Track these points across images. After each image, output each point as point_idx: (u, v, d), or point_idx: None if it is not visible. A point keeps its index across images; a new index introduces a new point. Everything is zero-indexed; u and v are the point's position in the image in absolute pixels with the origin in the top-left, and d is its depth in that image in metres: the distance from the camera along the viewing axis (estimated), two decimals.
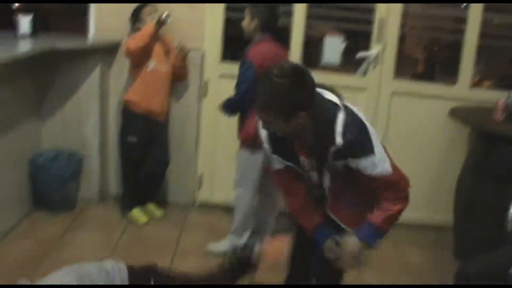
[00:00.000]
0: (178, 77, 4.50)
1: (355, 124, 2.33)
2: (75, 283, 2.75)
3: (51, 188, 4.45)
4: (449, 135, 4.64)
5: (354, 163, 2.35)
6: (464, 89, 4.58)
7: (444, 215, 4.48)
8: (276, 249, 2.82)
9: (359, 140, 2.32)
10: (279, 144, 2.50)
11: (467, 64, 4.54)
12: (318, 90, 2.38)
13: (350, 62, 4.72)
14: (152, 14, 4.20)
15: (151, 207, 4.66)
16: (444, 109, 4.44)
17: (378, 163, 2.34)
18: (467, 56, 4.53)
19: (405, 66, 4.99)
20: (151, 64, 4.24)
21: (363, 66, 4.64)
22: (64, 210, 4.52)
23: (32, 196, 4.51)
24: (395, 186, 2.43)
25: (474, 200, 4.04)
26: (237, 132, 3.97)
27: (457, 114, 4.30)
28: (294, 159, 2.53)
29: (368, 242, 2.48)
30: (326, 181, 2.53)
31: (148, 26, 4.14)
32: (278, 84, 2.24)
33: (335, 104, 2.37)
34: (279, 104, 2.25)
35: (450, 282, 2.91)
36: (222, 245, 4.07)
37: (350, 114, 2.36)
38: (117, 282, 2.90)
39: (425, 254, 4.09)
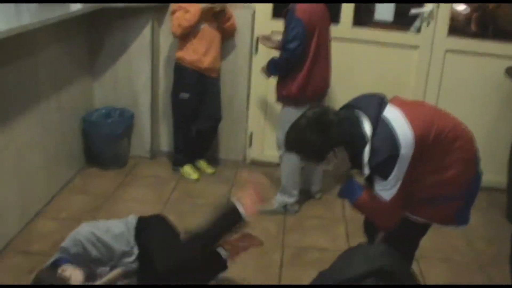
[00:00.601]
0: (226, 35, 4.49)
1: (383, 149, 2.40)
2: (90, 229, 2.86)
3: (103, 144, 4.52)
4: (505, 95, 4.53)
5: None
6: None
7: (498, 177, 4.39)
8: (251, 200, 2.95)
9: (382, 165, 2.40)
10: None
11: None
12: (350, 117, 2.49)
13: (403, 19, 4.62)
14: None
15: (203, 164, 4.70)
16: (500, 68, 4.32)
17: (385, 187, 2.44)
18: None
19: (457, 25, 4.85)
20: (201, 25, 4.24)
21: (416, 23, 4.55)
22: (116, 167, 4.60)
23: (85, 152, 4.60)
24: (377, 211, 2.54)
25: None
26: (276, 90, 3.95)
27: None
28: None
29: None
30: None
31: (194, 14, 4.15)
32: (303, 136, 2.44)
33: (364, 137, 2.44)
34: (309, 152, 2.50)
35: (503, 244, 2.86)
36: (271, 204, 4.09)
37: (380, 138, 2.41)
38: (131, 227, 2.96)
39: (478, 216, 4.02)
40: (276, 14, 4.55)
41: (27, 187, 3.70)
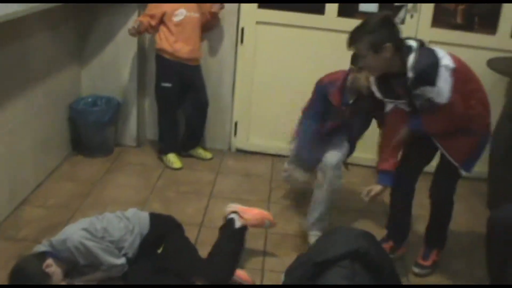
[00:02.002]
0: (207, 26, 4.53)
1: (425, 59, 2.85)
2: (86, 226, 2.92)
3: (90, 132, 4.55)
4: (487, 86, 4.54)
5: (420, 90, 2.89)
6: (504, 39, 4.50)
7: (480, 166, 4.44)
8: (257, 222, 3.41)
9: (426, 71, 2.83)
10: (385, 89, 3.12)
11: (507, 14, 4.46)
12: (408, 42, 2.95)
13: (387, 10, 4.67)
14: None
15: (200, 151, 4.77)
16: (482, 60, 4.36)
17: (439, 93, 2.84)
18: (507, 5, 4.45)
19: (443, 17, 4.91)
20: (179, 16, 4.28)
21: (400, 15, 4.60)
22: (102, 154, 4.63)
23: (72, 140, 4.63)
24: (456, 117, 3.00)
25: (511, 149, 4.02)
26: None
27: (495, 64, 4.24)
28: (398, 97, 3.10)
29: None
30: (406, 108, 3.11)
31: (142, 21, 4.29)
32: (369, 21, 2.89)
33: (410, 47, 2.91)
34: (371, 37, 2.84)
35: (482, 230, 2.94)
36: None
37: (426, 53, 2.89)
38: (136, 230, 3.03)
39: (459, 204, 4.10)
40: (262, 3, 4.59)
41: (15, 173, 3.73)
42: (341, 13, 4.54)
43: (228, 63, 4.74)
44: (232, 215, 3.37)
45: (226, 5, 4.47)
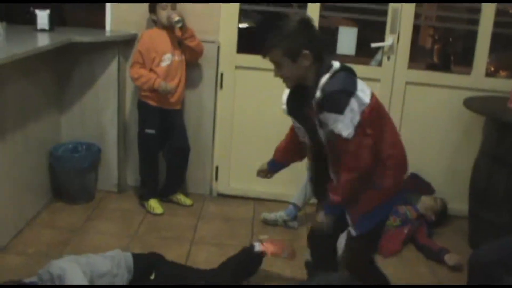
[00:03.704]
0: (193, 57, 4.52)
1: (339, 83, 2.53)
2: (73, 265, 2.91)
3: (70, 178, 4.52)
4: (464, 125, 4.66)
5: (323, 116, 2.54)
6: (479, 78, 4.59)
7: (461, 205, 4.49)
8: (276, 248, 3.56)
9: (335, 96, 2.50)
10: (294, 106, 2.77)
11: (481, 54, 4.55)
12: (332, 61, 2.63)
13: (364, 52, 4.75)
14: (166, 9, 4.25)
15: (181, 197, 4.75)
16: (459, 99, 4.43)
17: (339, 123, 2.50)
18: (481, 45, 4.54)
19: (419, 57, 5.00)
20: (165, 61, 4.31)
21: (377, 57, 4.67)
22: (83, 201, 4.59)
23: (52, 186, 4.60)
24: (348, 155, 2.56)
25: (489, 188, 4.06)
26: None
27: (471, 103, 4.30)
28: (303, 121, 2.76)
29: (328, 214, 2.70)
30: (324, 140, 2.68)
31: (155, 82, 4.26)
32: (287, 25, 2.56)
33: (331, 65, 2.60)
34: (288, 42, 2.53)
35: (465, 270, 2.94)
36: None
37: (344, 78, 2.56)
38: (122, 264, 3.04)
39: (441, 242, 4.14)
40: (240, 48, 4.65)
41: None
42: None
43: (208, 108, 4.76)
44: (256, 242, 3.59)
45: (206, 50, 4.50)
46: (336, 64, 2.60)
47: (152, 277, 3.13)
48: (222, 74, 4.66)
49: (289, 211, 4.37)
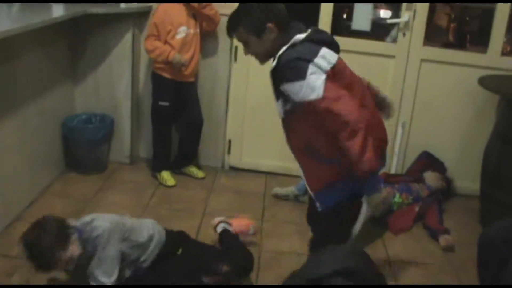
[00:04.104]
0: (211, 27, 4.52)
1: (294, 52, 2.47)
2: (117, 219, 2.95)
3: (83, 150, 4.56)
4: (478, 104, 4.63)
5: (285, 88, 2.51)
6: (495, 57, 4.55)
7: (473, 184, 4.47)
8: (242, 226, 3.63)
9: (291, 65, 2.45)
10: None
11: (498, 33, 4.50)
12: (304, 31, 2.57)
13: (380, 29, 4.72)
14: None
15: (193, 169, 4.77)
16: (474, 78, 4.40)
17: (303, 88, 2.43)
18: (498, 24, 4.49)
19: (435, 37, 4.95)
20: (181, 34, 4.30)
21: (393, 33, 4.64)
22: (95, 172, 4.63)
23: (65, 157, 4.63)
24: (331, 117, 2.43)
25: (501, 168, 4.04)
26: None
27: (486, 82, 4.27)
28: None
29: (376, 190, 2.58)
30: (281, 113, 2.72)
31: (169, 54, 4.24)
32: (245, 4, 2.60)
33: (294, 37, 2.53)
34: (249, 19, 2.56)
35: (475, 248, 2.94)
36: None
37: (300, 46, 2.50)
38: (155, 238, 3.06)
39: (452, 221, 4.15)
40: None
41: (8, 191, 3.72)
42: (334, 32, 4.57)
43: (222, 81, 4.76)
44: (223, 225, 3.56)
45: (222, 22, 4.48)
46: (299, 36, 2.52)
47: (179, 252, 3.16)
48: (236, 47, 4.64)
49: (300, 186, 4.37)
